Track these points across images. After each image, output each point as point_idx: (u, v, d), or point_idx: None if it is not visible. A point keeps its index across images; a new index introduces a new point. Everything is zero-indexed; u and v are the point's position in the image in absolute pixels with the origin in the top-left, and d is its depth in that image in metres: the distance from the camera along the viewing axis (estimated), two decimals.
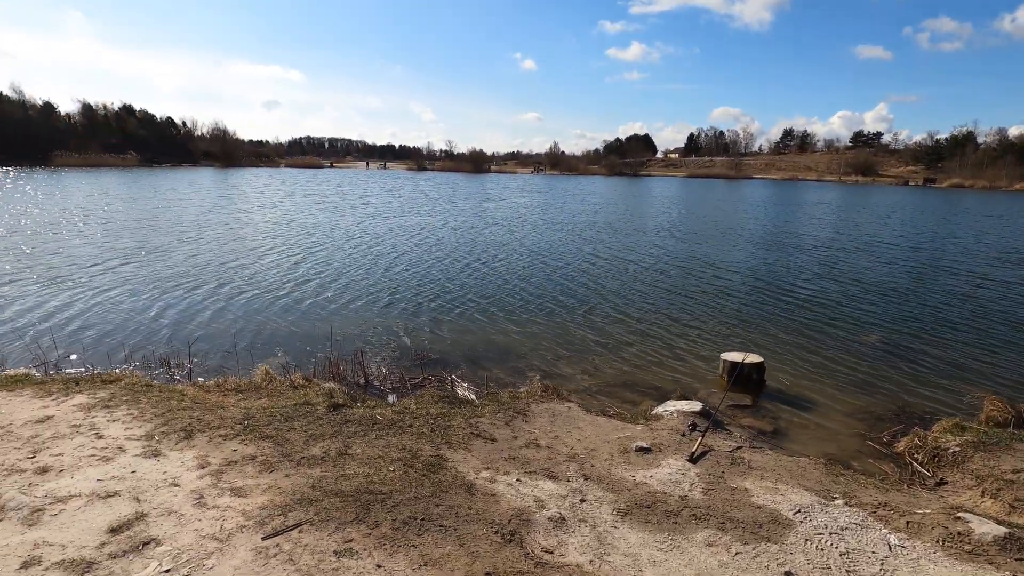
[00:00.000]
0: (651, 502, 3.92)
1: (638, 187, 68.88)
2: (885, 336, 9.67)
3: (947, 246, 21.35)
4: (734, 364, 7.18)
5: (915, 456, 5.26)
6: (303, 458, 4.25)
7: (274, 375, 6.61)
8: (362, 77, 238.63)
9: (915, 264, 17.21)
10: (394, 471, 4.11)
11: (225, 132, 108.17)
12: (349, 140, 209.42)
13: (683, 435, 5.24)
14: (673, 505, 3.89)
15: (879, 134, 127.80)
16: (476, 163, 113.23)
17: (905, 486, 4.65)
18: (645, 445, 4.85)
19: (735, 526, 3.63)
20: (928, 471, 4.99)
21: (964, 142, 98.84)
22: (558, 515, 3.66)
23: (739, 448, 5.04)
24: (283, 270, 14.09)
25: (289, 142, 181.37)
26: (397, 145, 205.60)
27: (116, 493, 3.62)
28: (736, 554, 3.32)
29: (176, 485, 3.77)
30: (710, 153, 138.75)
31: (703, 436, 5.08)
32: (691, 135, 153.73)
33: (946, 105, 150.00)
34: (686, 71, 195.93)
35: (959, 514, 3.79)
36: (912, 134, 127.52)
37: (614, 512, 3.78)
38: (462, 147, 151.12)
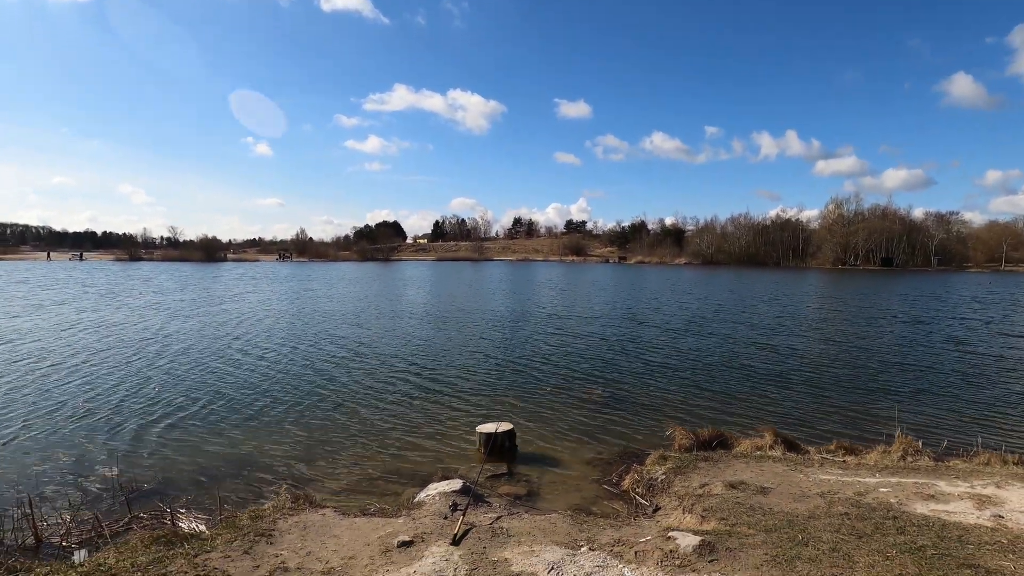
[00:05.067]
0: None
1: (391, 271, 70.14)
2: (605, 388, 11.40)
3: (639, 310, 26.79)
4: (489, 435, 7.52)
5: (636, 490, 6.16)
6: None
7: None
8: (41, 149, 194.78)
9: (616, 326, 21.05)
10: None
11: None
12: (24, 226, 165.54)
13: (445, 517, 5.16)
14: None
15: (583, 222, 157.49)
16: (208, 251, 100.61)
17: (632, 519, 5.36)
18: (407, 538, 4.61)
19: None
20: (647, 501, 5.87)
21: (640, 229, 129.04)
22: None
23: (499, 518, 5.17)
24: None
25: None
26: (99, 232, 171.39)
27: None
28: None
29: None
30: (455, 238, 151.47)
31: (464, 515, 5.09)
32: (436, 222, 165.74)
33: (624, 199, 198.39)
34: (424, 164, 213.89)
35: (670, 534, 4.50)
36: (606, 222, 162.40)
37: None
38: (190, 233, 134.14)
